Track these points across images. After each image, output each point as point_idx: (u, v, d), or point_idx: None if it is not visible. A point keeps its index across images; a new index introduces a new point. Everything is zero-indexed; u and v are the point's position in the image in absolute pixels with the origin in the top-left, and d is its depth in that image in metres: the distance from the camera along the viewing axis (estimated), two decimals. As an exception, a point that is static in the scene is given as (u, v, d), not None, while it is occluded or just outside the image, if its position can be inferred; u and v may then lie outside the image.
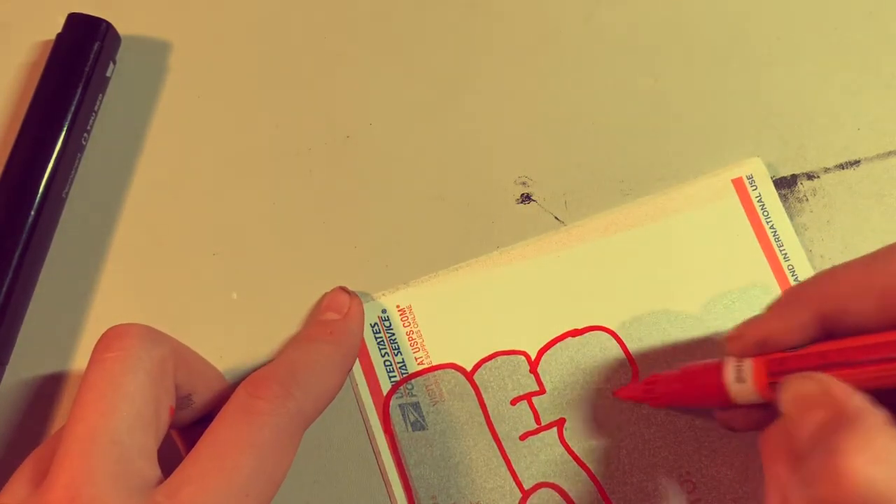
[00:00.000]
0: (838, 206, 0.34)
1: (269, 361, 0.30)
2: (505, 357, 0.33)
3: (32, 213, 0.32)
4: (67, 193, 0.34)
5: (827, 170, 0.35)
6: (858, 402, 0.23)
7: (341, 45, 0.36)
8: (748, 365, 0.27)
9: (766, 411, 0.28)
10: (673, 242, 0.34)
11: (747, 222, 0.34)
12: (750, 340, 0.27)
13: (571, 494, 0.32)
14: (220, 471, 0.24)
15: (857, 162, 0.35)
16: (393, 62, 0.36)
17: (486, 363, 0.33)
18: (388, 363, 0.33)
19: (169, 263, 0.34)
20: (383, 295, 0.33)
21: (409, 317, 0.33)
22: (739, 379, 0.28)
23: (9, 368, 0.32)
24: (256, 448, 0.25)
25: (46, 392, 0.33)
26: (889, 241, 0.34)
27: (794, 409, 0.24)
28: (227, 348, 0.33)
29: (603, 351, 0.33)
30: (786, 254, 0.34)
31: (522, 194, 0.35)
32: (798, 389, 0.24)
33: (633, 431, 0.32)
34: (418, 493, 0.32)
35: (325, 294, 0.33)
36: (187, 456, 0.25)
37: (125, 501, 0.23)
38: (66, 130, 0.33)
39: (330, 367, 0.29)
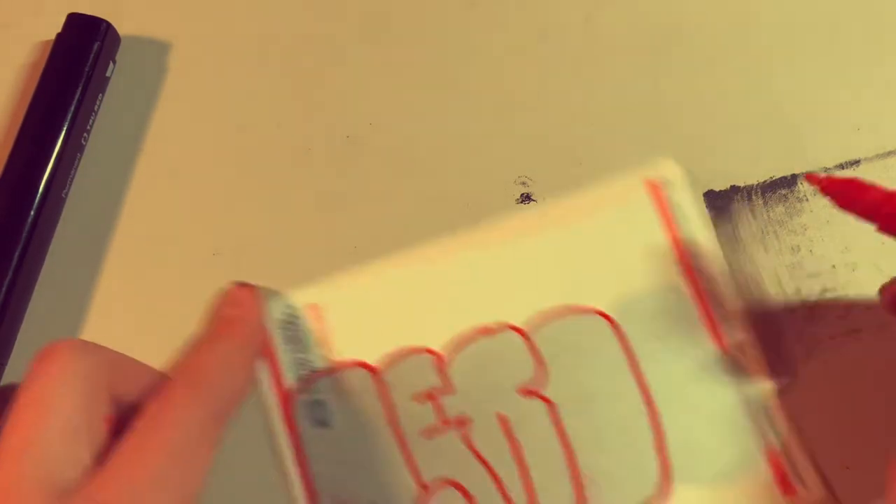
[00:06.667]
0: (838, 206, 0.34)
1: (173, 365, 0.29)
2: (414, 356, 0.32)
3: (32, 213, 0.32)
4: (67, 193, 0.34)
5: (827, 170, 0.35)
6: None
7: (341, 44, 0.36)
8: None
9: None
10: (585, 244, 0.33)
11: (660, 225, 0.33)
12: None
13: (473, 493, 0.31)
14: (130, 473, 0.25)
15: (857, 162, 0.35)
16: (393, 62, 0.36)
17: (395, 362, 0.32)
18: (294, 360, 0.32)
19: (169, 263, 0.34)
20: (292, 291, 0.33)
21: (318, 313, 0.33)
22: None
23: (9, 368, 0.32)
24: (165, 448, 0.25)
25: (46, 392, 0.33)
26: (889, 241, 0.34)
27: None
28: (227, 348, 0.33)
29: (513, 351, 0.32)
30: (698, 256, 0.33)
31: (522, 194, 0.35)
32: None
33: (535, 431, 0.32)
34: (318, 491, 0.31)
35: (222, 291, 0.33)
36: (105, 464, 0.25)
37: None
38: (66, 130, 0.33)
39: (235, 364, 0.29)
